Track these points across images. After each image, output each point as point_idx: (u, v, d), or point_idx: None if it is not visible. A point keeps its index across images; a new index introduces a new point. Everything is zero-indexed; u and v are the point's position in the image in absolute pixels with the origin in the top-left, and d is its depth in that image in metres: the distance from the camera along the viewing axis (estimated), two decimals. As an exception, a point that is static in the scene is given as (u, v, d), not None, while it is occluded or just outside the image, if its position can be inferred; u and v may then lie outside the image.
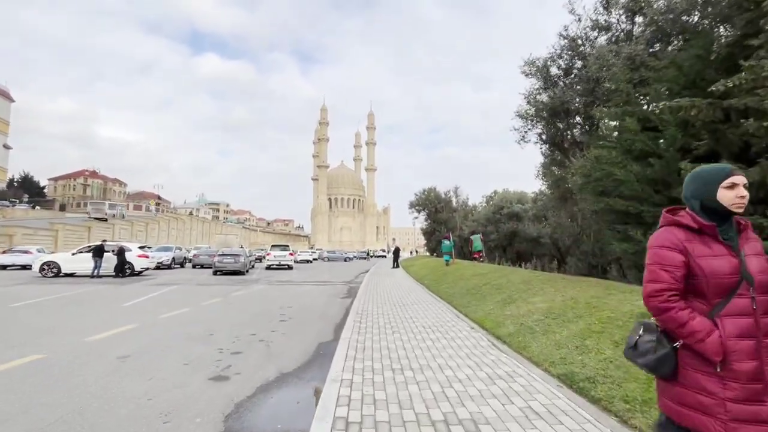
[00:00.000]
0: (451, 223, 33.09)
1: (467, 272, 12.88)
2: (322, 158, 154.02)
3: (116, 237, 48.32)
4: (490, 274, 11.17)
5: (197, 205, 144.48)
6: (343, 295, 12.67)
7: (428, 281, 14.12)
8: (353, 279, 19.69)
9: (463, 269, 14.36)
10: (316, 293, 13.09)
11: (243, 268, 21.15)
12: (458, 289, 10.37)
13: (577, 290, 6.68)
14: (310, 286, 15.77)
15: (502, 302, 7.37)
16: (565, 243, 19.26)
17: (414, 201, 34.56)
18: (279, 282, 17.20)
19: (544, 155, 19.13)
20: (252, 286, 15.01)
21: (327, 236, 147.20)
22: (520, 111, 12.16)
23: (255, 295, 12.22)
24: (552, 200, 19.89)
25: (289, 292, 13.42)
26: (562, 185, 12.80)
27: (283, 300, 11.25)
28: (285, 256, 27.44)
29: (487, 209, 25.34)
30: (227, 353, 5.46)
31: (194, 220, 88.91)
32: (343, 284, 16.72)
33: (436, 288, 11.93)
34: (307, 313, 9.02)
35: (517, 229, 23.36)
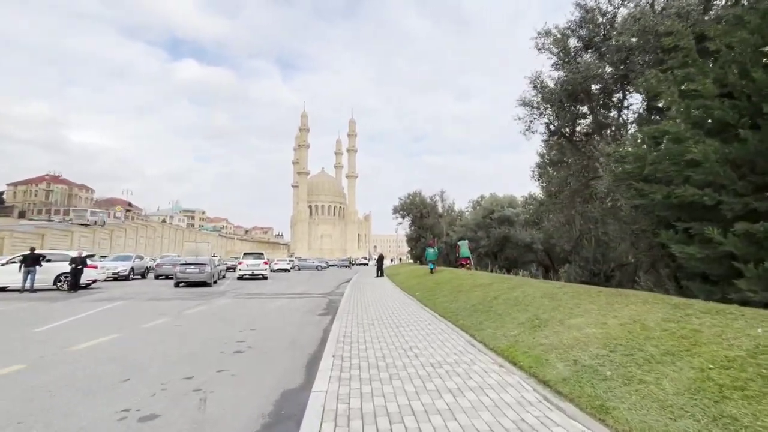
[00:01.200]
0: (437, 229, 31.54)
1: (465, 282, 11.15)
2: (302, 165, 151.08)
3: (75, 245, 44.48)
4: (495, 284, 9.47)
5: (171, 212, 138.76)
6: (322, 311, 10.70)
7: (420, 293, 12.31)
8: (334, 290, 17.68)
9: (458, 279, 12.64)
10: (289, 309, 11.07)
11: (209, 279, 18.81)
12: (461, 304, 8.59)
13: (630, 308, 5.02)
14: (283, 299, 13.70)
15: (529, 325, 5.63)
16: (564, 248, 17.91)
17: (398, 206, 32.85)
18: (248, 295, 15.03)
19: (548, 149, 17.81)
20: (215, 301, 12.82)
21: (307, 244, 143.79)
22: (526, 98, 10.63)
23: (214, 313, 10.10)
24: (549, 203, 18.59)
25: (258, 308, 11.34)
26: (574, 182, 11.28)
27: (248, 319, 9.21)
28: (259, 265, 25.13)
29: (477, 213, 23.91)
30: (133, 420, 3.48)
31: (166, 228, 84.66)
32: (322, 296, 14.72)
33: (431, 302, 10.13)
34: (273, 339, 7.04)
35: (509, 234, 21.93)
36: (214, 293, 15.49)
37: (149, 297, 13.85)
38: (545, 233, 23.42)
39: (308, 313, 10.25)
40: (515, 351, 4.79)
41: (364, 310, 9.74)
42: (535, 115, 10.64)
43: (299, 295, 15.12)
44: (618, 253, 17.58)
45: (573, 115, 9.58)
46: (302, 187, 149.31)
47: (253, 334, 7.47)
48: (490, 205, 23.70)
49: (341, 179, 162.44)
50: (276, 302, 12.78)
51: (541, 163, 18.33)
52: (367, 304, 10.76)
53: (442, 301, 9.71)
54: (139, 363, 5.29)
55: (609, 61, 7.89)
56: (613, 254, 17.52)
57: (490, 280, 10.44)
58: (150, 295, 14.40)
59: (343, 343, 5.84)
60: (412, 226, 33.37)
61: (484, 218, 23.46)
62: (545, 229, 23.73)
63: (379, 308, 9.97)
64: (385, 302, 11.19)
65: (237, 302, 12.66)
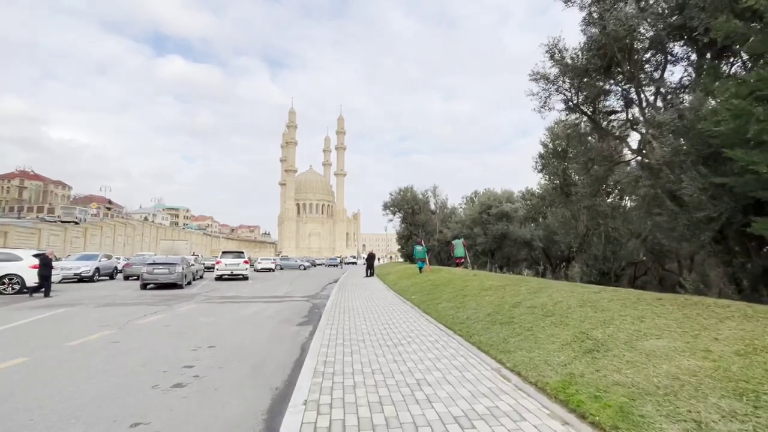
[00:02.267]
0: (429, 226, 30.09)
1: (470, 284, 9.62)
2: (290, 162, 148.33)
3: (43, 244, 41.68)
4: (509, 287, 7.94)
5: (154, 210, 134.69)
6: (301, 319, 9.03)
7: (417, 296, 10.73)
8: (319, 292, 16.00)
9: (459, 280, 11.11)
10: (263, 317, 9.36)
11: (180, 280, 16.91)
12: (471, 312, 7.03)
13: (728, 325, 3.53)
14: (260, 304, 11.97)
15: (580, 347, 4.08)
16: (570, 246, 16.42)
17: (389, 201, 31.25)
18: (221, 299, 13.24)
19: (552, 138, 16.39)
20: (178, 307, 11.02)
21: (295, 243, 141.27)
22: (540, 70, 9.12)
23: (170, 324, 8.33)
24: (555, 195, 17.19)
25: (227, 315, 9.61)
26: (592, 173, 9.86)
27: (210, 331, 7.50)
28: (238, 265, 23.23)
29: (473, 209, 22.47)
30: None
31: (147, 226, 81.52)
32: (305, 300, 13.03)
33: (432, 308, 8.55)
34: (232, 362, 5.37)
35: (508, 231, 20.55)
36: (183, 297, 13.65)
37: (103, 302, 11.96)
38: (546, 229, 22.12)
39: (285, 323, 8.57)
40: (577, 393, 3.22)
41: (351, 318, 8.11)
42: (551, 90, 9.13)
43: (279, 299, 13.39)
44: (628, 250, 16.33)
45: (599, 90, 8.06)
46: (290, 185, 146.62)
47: (209, 354, 5.78)
48: (487, 200, 22.29)
49: (330, 177, 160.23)
50: (250, 307, 11.05)
51: (545, 154, 16.96)
52: (355, 311, 9.13)
53: (445, 308, 8.14)
54: (26, 408, 3.58)
55: (654, 13, 6.42)
56: (623, 251, 16.26)
57: (501, 281, 8.92)
58: (106, 300, 12.50)
59: (322, 375, 4.20)
60: (403, 222, 31.83)
61: (480, 214, 22.04)
62: (547, 225, 22.45)
63: (371, 316, 8.35)
64: (377, 308, 9.58)
65: (204, 308, 10.89)
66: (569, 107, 9.22)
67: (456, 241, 19.26)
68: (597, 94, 8.61)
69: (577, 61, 8.12)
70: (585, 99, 9.14)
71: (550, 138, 16.52)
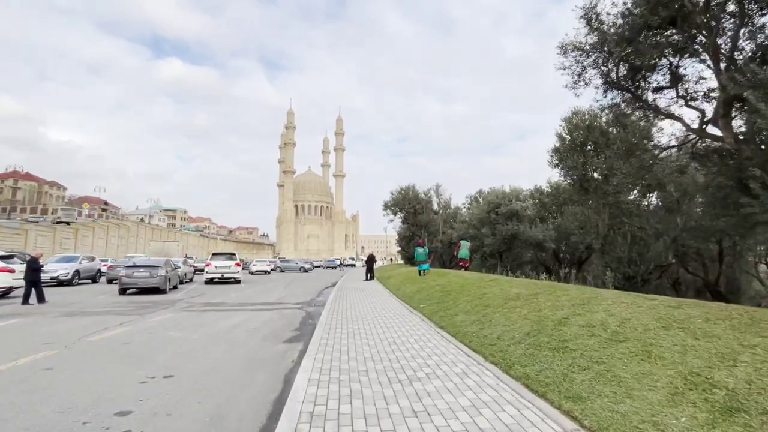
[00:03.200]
0: (432, 227, 28.66)
1: (489, 292, 8.18)
2: (288, 163, 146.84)
3: (30, 246, 40.13)
4: (541, 296, 6.51)
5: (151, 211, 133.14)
6: (291, 334, 7.58)
7: (427, 306, 9.28)
8: (314, 298, 14.54)
9: (474, 286, 9.68)
10: (246, 331, 7.90)
11: (163, 284, 15.43)
12: (500, 330, 5.58)
13: None
14: (246, 312, 10.51)
15: (707, 401, 2.65)
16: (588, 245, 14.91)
17: (389, 201, 29.79)
18: (204, 306, 11.77)
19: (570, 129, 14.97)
20: (151, 317, 9.55)
21: (293, 244, 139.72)
22: (574, 40, 7.71)
23: (130, 341, 6.86)
24: (573, 192, 15.75)
25: (204, 328, 8.15)
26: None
27: (174, 352, 6.04)
28: (230, 267, 21.75)
29: (480, 208, 21.03)
30: None
31: (142, 227, 80.00)
32: (298, 308, 11.58)
33: (448, 322, 7.09)
34: (186, 403, 3.91)
35: (518, 231, 19.12)
36: (162, 304, 12.18)
37: (67, 311, 10.47)
38: (557, 229, 20.69)
39: (270, 339, 7.11)
40: None
41: (351, 335, 6.67)
42: (587, 63, 7.71)
43: (269, 306, 11.93)
44: (656, 251, 14.90)
45: (652, 54, 6.63)
46: (288, 186, 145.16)
47: (161, 389, 4.33)
48: (495, 198, 20.86)
49: (328, 178, 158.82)
50: (234, 317, 9.59)
51: (562, 147, 15.55)
52: (355, 324, 7.68)
53: (464, 322, 6.69)
54: None
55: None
56: (650, 253, 14.83)
57: (529, 288, 7.47)
58: (71, 308, 11.01)
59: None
60: (404, 223, 30.38)
61: (488, 213, 20.60)
62: (558, 224, 21.01)
63: (374, 331, 6.90)
64: (380, 319, 8.13)
65: (182, 318, 9.42)
66: (608, 83, 7.81)
67: (462, 241, 17.90)
68: (643, 67, 7.18)
69: (623, 25, 6.70)
70: (626, 75, 7.72)
71: (567, 130, 15.12)
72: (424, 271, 16.26)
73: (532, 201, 20.61)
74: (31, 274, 11.73)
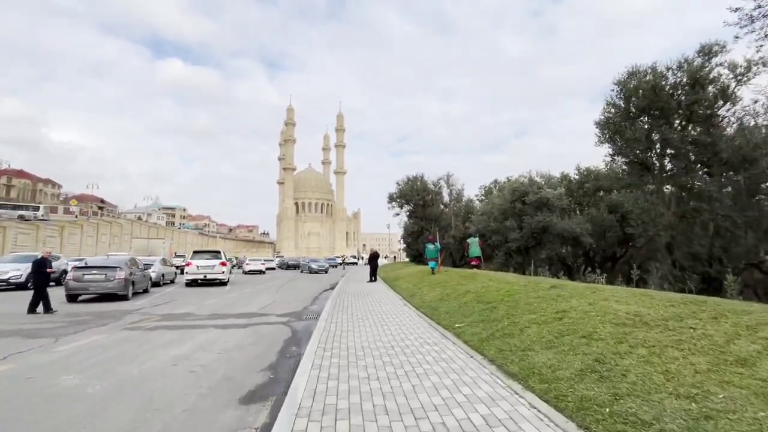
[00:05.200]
0: (443, 221, 25.72)
1: (571, 308, 5.26)
2: (288, 160, 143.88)
3: (9, 245, 37.38)
4: (697, 319, 3.57)
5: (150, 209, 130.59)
6: (257, 381, 4.65)
7: (464, 325, 6.36)
8: (308, 306, 11.66)
9: (536, 294, 6.78)
10: (187, 371, 4.98)
11: (122, 290, 12.56)
12: (673, 404, 2.63)
13: None
14: (210, 332, 7.61)
15: None
16: (658, 238, 11.90)
17: (395, 192, 26.81)
18: (159, 321, 8.87)
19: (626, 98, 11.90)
20: (70, 341, 6.66)
21: (294, 242, 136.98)
22: None
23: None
24: (631, 172, 12.71)
25: (122, 368, 5.23)
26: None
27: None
28: (214, 267, 18.88)
29: (503, 197, 18.00)
30: None
31: (137, 225, 77.20)
32: (283, 322, 8.69)
33: (526, 366, 4.13)
34: None
35: (550, 223, 16.15)
36: (106, 316, 9.31)
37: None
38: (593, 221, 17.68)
39: (221, 394, 4.19)
40: None
41: (354, 377, 3.76)
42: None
43: (247, 319, 9.03)
44: (745, 246, 11.91)
45: None
46: (288, 184, 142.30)
47: None
48: (520, 186, 17.87)
49: (329, 175, 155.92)
50: (189, 341, 6.70)
51: (615, 117, 12.54)
52: (361, 362, 4.75)
53: (554, 365, 3.77)
54: None
55: None
56: (738, 248, 11.84)
57: (655, 305, 4.53)
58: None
59: None
60: (411, 217, 27.43)
61: (512, 203, 17.63)
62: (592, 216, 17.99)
63: (395, 385, 3.98)
64: (402, 356, 5.21)
65: (108, 345, 6.52)
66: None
67: (471, 239, 15.82)
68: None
69: None
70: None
71: (623, 95, 12.11)
72: (434, 269, 15.09)
73: (563, 188, 17.62)
74: (36, 278, 9.99)
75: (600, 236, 18.31)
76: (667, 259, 11.57)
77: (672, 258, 11.45)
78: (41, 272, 10.07)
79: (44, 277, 10.08)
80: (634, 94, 11.27)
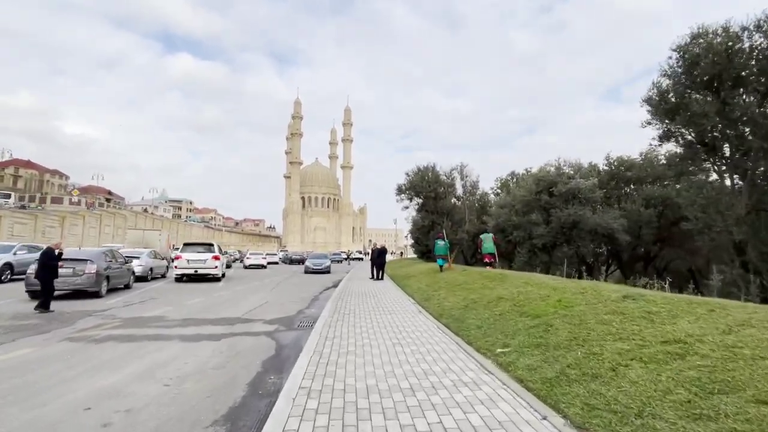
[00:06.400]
0: (456, 215, 23.83)
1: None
2: (295, 154, 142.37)
3: (4, 235, 36.27)
4: None
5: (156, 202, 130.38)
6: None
7: (511, 350, 4.54)
8: (304, 308, 9.93)
9: (610, 311, 4.96)
10: (98, 426, 3.25)
11: (93, 286, 10.98)
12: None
13: None
14: (173, 345, 5.90)
15: None
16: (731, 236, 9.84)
17: (404, 184, 24.95)
18: (118, 327, 7.19)
19: None
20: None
21: (300, 237, 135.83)
22: None
23: None
24: (692, 159, 10.70)
25: (6, 414, 3.52)
26: None
27: None
28: (206, 261, 17.25)
29: (527, 188, 16.05)
30: None
31: (141, 217, 76.45)
32: (269, 333, 6.95)
33: (594, 408, 2.36)
34: None
35: (583, 217, 14.21)
36: (57, 319, 7.67)
37: None
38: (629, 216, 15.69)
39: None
40: None
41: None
42: None
43: (226, 328, 7.31)
44: None
45: None
46: (295, 178, 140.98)
47: None
48: (547, 175, 15.90)
49: (336, 170, 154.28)
50: (141, 360, 4.99)
51: (678, 87, 10.54)
52: (362, 403, 2.97)
53: (641, 399, 1.94)
54: None
55: None
56: None
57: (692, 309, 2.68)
58: None
59: None
60: (421, 210, 25.56)
61: (537, 195, 15.70)
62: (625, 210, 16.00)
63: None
64: (418, 384, 3.44)
65: (32, 361, 4.84)
66: None
67: (485, 235, 14.47)
68: None
69: None
70: None
71: (683, 63, 10.10)
72: (443, 266, 14.59)
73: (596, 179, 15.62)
74: (42, 272, 8.97)
75: (634, 233, 16.32)
76: (736, 261, 9.60)
77: (742, 259, 9.49)
78: (50, 266, 9.02)
79: (51, 271, 9.07)
80: (702, 58, 9.26)
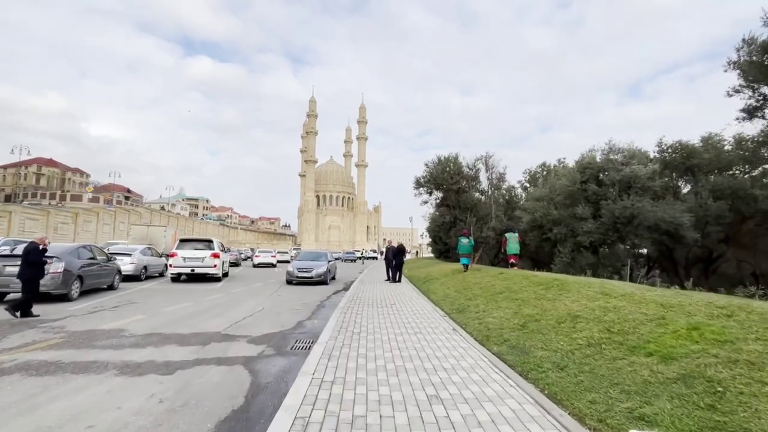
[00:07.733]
0: (481, 210, 21.50)
1: None
2: (310, 153, 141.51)
3: (15, 231, 35.74)
4: None
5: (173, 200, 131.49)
6: None
7: (606, 395, 2.42)
8: (303, 320, 7.91)
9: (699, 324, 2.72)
10: None
11: (60, 287, 9.28)
12: None
13: None
14: (93, 387, 3.93)
15: None
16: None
17: (423, 176, 22.74)
18: (48, 348, 5.31)
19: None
20: None
21: (314, 235, 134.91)
22: None
23: None
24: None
25: None
26: None
27: None
28: (203, 259, 15.51)
29: (570, 177, 13.59)
30: None
31: (157, 215, 76.12)
32: (247, 359, 4.92)
33: None
34: None
35: (641, 209, 11.78)
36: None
37: None
38: (693, 210, 13.14)
39: None
40: None
41: None
42: None
43: (198, 347, 5.35)
44: None
45: None
46: (309, 176, 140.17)
47: None
48: (594, 161, 13.46)
49: (350, 168, 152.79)
50: (28, 416, 3.02)
51: None
52: None
53: None
54: None
55: None
56: None
57: None
58: None
59: None
60: (442, 205, 23.32)
61: (583, 184, 13.31)
62: (696, 202, 13.44)
63: None
64: None
65: None
66: None
67: (510, 234, 12.99)
68: None
69: None
70: None
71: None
72: (468, 266, 13.70)
73: (657, 165, 13.09)
74: (25, 270, 7.71)
75: (698, 230, 13.74)
76: None
77: None
78: (31, 263, 7.77)
79: (36, 270, 7.88)
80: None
